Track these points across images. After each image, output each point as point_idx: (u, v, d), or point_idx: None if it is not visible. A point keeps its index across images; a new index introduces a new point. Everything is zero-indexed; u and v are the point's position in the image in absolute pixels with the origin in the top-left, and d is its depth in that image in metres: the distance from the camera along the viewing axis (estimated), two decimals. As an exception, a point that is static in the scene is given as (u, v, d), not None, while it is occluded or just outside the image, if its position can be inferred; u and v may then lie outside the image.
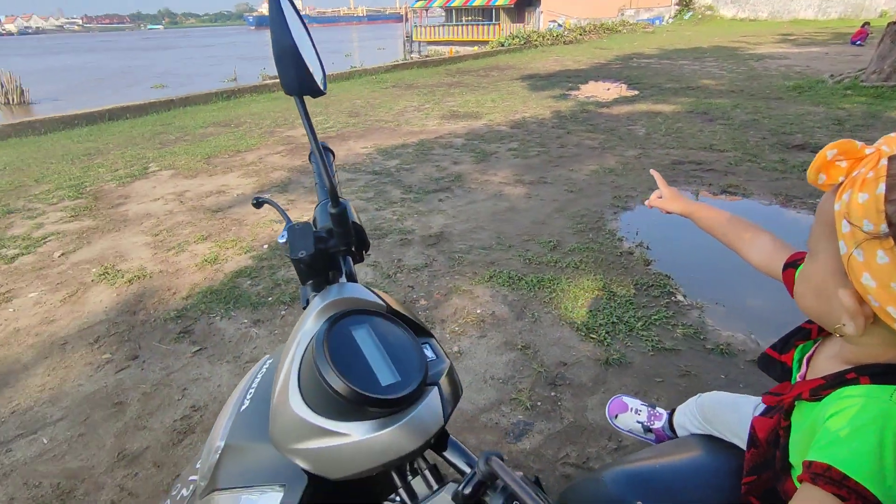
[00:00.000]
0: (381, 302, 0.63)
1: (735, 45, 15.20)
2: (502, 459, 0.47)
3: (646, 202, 1.12)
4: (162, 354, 2.31)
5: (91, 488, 1.66)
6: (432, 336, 0.65)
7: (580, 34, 20.09)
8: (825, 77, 8.45)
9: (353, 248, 0.72)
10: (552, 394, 1.97)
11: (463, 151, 5.28)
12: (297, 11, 0.62)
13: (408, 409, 0.53)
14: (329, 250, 0.69)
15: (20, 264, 3.21)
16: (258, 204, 0.78)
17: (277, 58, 0.54)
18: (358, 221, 0.73)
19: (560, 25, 23.64)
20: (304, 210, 3.89)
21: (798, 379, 0.65)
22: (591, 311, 2.46)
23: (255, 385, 0.70)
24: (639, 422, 1.34)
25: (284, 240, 0.66)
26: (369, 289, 0.65)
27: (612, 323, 2.36)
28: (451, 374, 0.60)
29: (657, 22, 26.09)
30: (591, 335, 2.28)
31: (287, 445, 0.55)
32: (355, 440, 0.52)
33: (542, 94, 8.54)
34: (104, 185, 4.67)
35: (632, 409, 1.40)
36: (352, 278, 0.71)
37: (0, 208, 4.13)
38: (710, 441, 0.88)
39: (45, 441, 1.86)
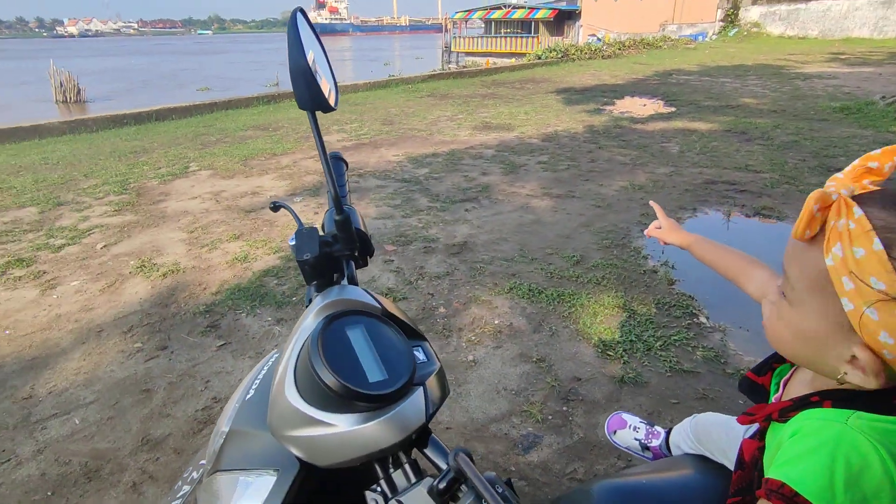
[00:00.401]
0: (377, 305, 0.67)
1: (781, 63, 14.79)
2: (471, 457, 0.50)
3: (644, 231, 1.13)
4: (189, 346, 2.41)
5: (115, 469, 1.75)
6: (426, 340, 0.68)
7: (619, 49, 19.91)
8: (876, 98, 8.14)
9: (355, 254, 0.76)
10: (564, 408, 1.97)
11: (492, 162, 5.32)
12: (314, 29, 0.67)
13: (392, 406, 0.56)
14: (333, 254, 0.73)
15: (66, 254, 3.40)
16: (275, 207, 0.83)
17: (293, 76, 0.59)
18: (363, 229, 0.77)
19: (599, 40, 23.50)
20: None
21: (774, 400, 0.66)
22: (609, 327, 2.45)
23: (260, 376, 0.75)
24: (636, 439, 1.34)
25: (293, 242, 0.70)
26: (368, 292, 0.69)
27: (630, 341, 2.34)
28: (440, 376, 0.63)
29: (700, 38, 25.63)
30: (608, 352, 2.27)
31: (282, 432, 0.60)
32: (342, 430, 0.56)
33: (576, 107, 8.51)
34: (147, 182, 4.90)
35: (630, 425, 1.39)
36: (353, 281, 0.75)
37: (52, 200, 4.38)
38: (701, 461, 0.89)
39: (77, 422, 1.97)
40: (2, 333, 2.54)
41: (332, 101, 0.65)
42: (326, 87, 0.65)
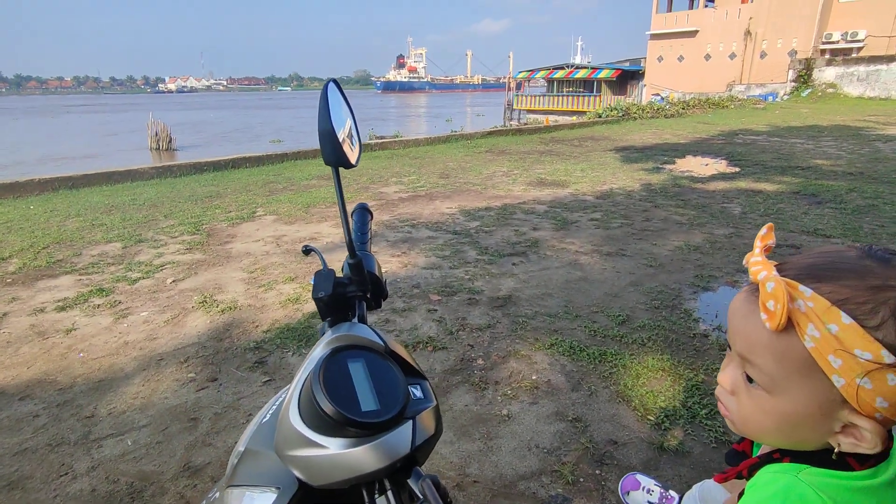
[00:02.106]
0: (380, 343, 0.73)
1: (860, 124, 14.14)
2: (437, 485, 0.53)
3: None
4: (237, 380, 2.53)
5: (157, 492, 1.85)
6: (426, 379, 0.73)
7: (682, 108, 19.78)
8: (964, 164, 7.60)
9: (367, 295, 0.83)
10: (597, 472, 1.90)
11: (544, 218, 5.36)
12: (345, 97, 0.77)
13: (380, 434, 0.61)
14: (346, 294, 0.80)
15: (139, 286, 3.70)
16: (307, 251, 0.91)
17: (320, 136, 0.69)
18: (378, 274, 0.85)
19: (662, 99, 23.50)
20: (382, 262, 4.13)
21: None
22: (652, 391, 2.36)
23: (278, 402, 0.82)
24: (649, 502, 1.28)
25: (313, 282, 0.78)
26: (374, 331, 0.75)
27: (674, 407, 2.24)
28: (433, 413, 0.67)
29: (770, 98, 25.04)
30: (649, 417, 2.18)
31: (284, 452, 0.66)
32: (332, 452, 0.61)
33: (634, 166, 8.47)
34: (217, 224, 5.30)
35: (644, 487, 1.33)
36: (363, 320, 0.82)
37: (134, 237, 4.82)
38: (706, 529, 0.85)
39: (130, 443, 2.10)
40: (77, 356, 2.78)
41: (353, 160, 0.74)
42: (351, 147, 0.74)
